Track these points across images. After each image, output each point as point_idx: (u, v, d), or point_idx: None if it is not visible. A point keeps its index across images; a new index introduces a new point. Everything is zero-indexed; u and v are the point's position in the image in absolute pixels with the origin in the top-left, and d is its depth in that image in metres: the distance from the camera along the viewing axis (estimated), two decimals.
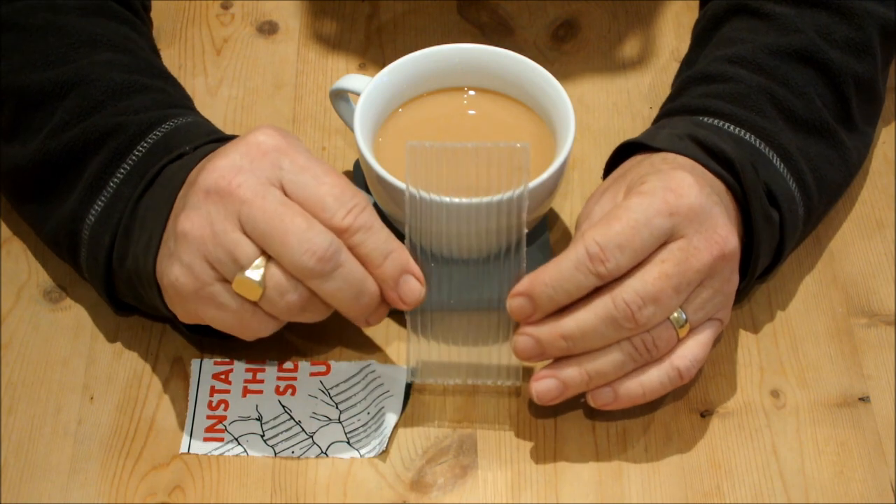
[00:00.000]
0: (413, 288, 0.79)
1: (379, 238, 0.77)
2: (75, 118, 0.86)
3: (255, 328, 0.79)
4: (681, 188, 0.78)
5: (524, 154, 0.79)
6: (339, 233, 0.76)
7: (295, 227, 0.75)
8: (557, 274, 0.77)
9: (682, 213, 0.78)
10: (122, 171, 0.83)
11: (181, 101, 0.90)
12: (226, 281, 0.77)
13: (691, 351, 0.80)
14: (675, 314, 0.79)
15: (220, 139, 0.84)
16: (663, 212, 0.78)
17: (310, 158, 0.78)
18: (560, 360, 0.79)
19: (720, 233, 0.79)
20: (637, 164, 0.83)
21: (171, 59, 1.02)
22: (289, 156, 0.77)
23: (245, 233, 0.76)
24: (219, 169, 0.77)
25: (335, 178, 0.77)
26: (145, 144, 0.84)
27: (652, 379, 0.80)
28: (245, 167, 0.77)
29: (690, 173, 0.80)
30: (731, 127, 0.86)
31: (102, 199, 0.83)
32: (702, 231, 0.78)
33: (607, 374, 0.79)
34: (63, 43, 0.88)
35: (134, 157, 0.84)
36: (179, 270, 0.77)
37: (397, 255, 0.78)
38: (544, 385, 0.79)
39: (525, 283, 0.78)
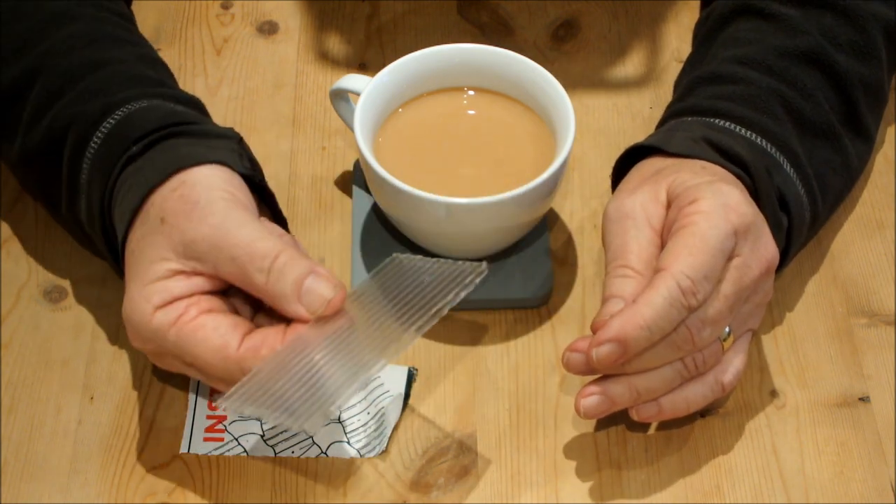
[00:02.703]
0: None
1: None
2: (40, 111, 0.85)
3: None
4: (738, 206, 0.78)
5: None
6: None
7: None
8: (653, 314, 0.75)
9: (742, 231, 0.78)
10: (85, 166, 0.83)
11: (140, 71, 0.88)
12: None
13: (734, 365, 0.80)
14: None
15: (167, 133, 0.82)
16: (730, 233, 0.77)
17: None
18: (608, 375, 0.79)
19: (768, 248, 0.79)
20: (673, 167, 0.81)
21: (171, 59, 1.02)
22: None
23: None
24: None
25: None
26: (99, 135, 0.83)
27: (696, 393, 0.80)
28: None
29: (735, 186, 0.79)
30: (744, 130, 0.85)
31: (82, 196, 0.84)
32: (753, 247, 0.78)
33: (655, 391, 0.79)
34: (29, 27, 0.88)
35: (91, 151, 0.83)
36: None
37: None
38: (591, 402, 0.78)
39: (615, 329, 0.75)
